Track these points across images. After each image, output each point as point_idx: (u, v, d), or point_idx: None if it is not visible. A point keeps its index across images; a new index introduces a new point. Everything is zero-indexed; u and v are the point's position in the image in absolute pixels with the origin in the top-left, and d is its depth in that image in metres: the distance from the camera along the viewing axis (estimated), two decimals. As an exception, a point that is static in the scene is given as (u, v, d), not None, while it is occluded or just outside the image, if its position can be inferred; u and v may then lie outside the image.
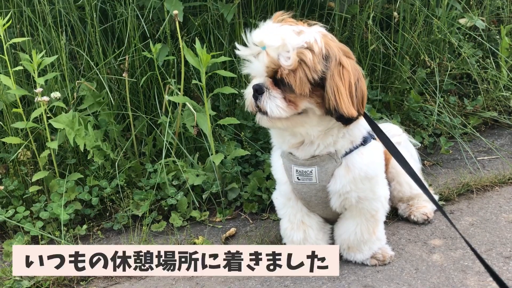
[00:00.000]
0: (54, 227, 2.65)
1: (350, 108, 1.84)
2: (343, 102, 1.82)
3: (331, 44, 1.85)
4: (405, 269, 2.19)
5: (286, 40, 1.79)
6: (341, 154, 2.02)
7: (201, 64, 2.56)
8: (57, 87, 2.86)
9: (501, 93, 3.31)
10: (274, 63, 1.82)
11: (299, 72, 1.79)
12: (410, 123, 3.24)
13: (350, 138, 2.01)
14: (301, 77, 1.80)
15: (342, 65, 1.84)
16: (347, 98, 1.83)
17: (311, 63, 1.79)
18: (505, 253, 2.23)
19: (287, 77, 1.81)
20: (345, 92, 1.83)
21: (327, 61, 1.82)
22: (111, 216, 2.76)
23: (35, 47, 2.82)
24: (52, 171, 2.77)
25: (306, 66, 1.79)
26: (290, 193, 2.16)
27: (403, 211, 2.54)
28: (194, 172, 2.77)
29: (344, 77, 1.83)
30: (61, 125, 2.64)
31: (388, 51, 3.24)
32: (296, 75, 1.80)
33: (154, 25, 3.03)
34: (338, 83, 1.82)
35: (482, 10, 3.54)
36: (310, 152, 2.02)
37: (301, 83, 1.80)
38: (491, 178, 2.77)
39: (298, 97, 1.84)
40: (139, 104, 2.99)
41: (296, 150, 2.05)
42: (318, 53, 1.80)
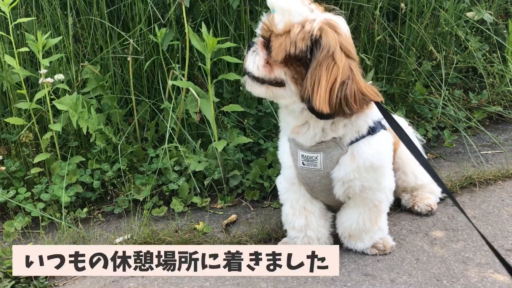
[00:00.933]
0: (55, 209, 2.65)
1: (323, 104, 1.80)
2: (319, 96, 1.80)
3: (330, 34, 1.81)
4: (406, 259, 2.19)
5: (291, 7, 1.81)
6: (347, 142, 2.00)
7: (206, 49, 2.55)
8: (61, 69, 2.85)
9: (507, 87, 3.29)
10: (267, 25, 1.88)
11: (281, 39, 1.83)
12: (414, 115, 3.22)
13: (354, 128, 1.99)
14: (281, 44, 1.83)
15: (334, 59, 1.81)
16: (325, 93, 1.80)
17: (294, 36, 1.80)
18: (506, 245, 2.22)
19: (272, 39, 1.86)
20: (325, 86, 1.80)
21: (316, 47, 1.80)
22: (112, 200, 2.76)
23: (40, 29, 2.81)
24: (54, 153, 2.76)
25: (289, 37, 1.81)
26: (294, 177, 2.15)
27: (406, 202, 2.53)
28: (196, 159, 2.76)
29: (331, 72, 1.80)
30: (65, 107, 2.63)
31: (395, 43, 3.22)
32: (278, 40, 1.84)
33: (160, 9, 3.01)
34: (322, 75, 1.80)
35: (490, 3, 3.51)
36: (311, 138, 2.00)
37: (278, 49, 1.83)
38: (494, 172, 2.76)
39: (274, 63, 1.87)
40: (142, 89, 2.98)
41: (298, 136, 2.04)
42: (306, 32, 1.80)
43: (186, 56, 2.73)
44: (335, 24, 1.85)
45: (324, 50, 1.80)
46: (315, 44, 1.81)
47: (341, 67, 1.81)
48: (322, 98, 1.80)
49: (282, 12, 1.83)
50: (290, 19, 1.82)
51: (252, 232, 2.43)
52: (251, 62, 1.93)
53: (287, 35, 1.82)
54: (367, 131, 2.00)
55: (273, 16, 1.86)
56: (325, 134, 1.99)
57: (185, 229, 2.48)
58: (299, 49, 1.81)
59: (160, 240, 2.39)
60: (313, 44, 1.81)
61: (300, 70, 1.86)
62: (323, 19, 1.83)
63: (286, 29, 1.83)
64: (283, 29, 1.83)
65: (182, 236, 2.41)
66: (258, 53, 1.92)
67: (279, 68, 1.88)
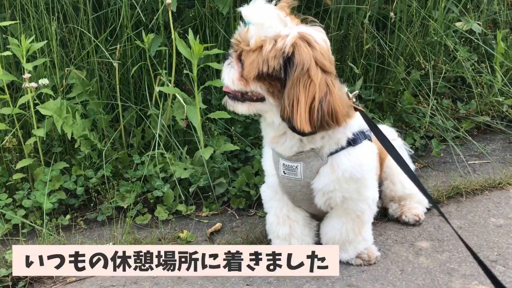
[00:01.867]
0: (36, 216, 2.61)
1: (304, 124, 1.78)
2: (299, 116, 1.77)
3: (304, 50, 1.77)
4: (391, 270, 2.17)
5: (265, 22, 1.78)
6: (326, 153, 1.98)
7: (193, 55, 2.53)
8: (46, 74, 2.82)
9: (495, 98, 3.29)
10: (239, 39, 1.85)
11: (253, 55, 1.79)
12: (402, 124, 3.21)
13: (332, 139, 1.96)
14: (253, 61, 1.79)
15: (310, 76, 1.77)
16: (305, 112, 1.77)
17: (265, 54, 1.77)
18: (491, 256, 2.21)
19: (244, 55, 1.83)
20: (304, 105, 1.77)
21: (290, 65, 1.77)
22: (96, 207, 2.72)
23: (25, 33, 2.78)
24: (37, 159, 2.73)
25: (261, 55, 1.78)
26: (277, 186, 2.14)
27: (394, 211, 2.51)
28: (182, 166, 2.73)
29: (309, 89, 1.77)
30: (49, 112, 2.60)
31: (383, 51, 3.21)
32: (250, 57, 1.80)
33: (148, 15, 2.99)
34: (300, 95, 1.76)
35: (479, 14, 3.52)
36: (289, 148, 1.99)
37: (250, 67, 1.80)
38: (481, 182, 2.75)
39: (248, 78, 1.85)
40: (129, 95, 2.95)
41: (276, 145, 2.02)
42: (278, 49, 1.76)
43: (173, 62, 2.70)
44: (309, 38, 1.81)
45: (298, 68, 1.76)
46: (288, 61, 1.77)
47: (318, 84, 1.77)
48: (303, 118, 1.77)
49: (256, 25, 1.80)
50: (261, 34, 1.79)
51: (236, 241, 2.41)
52: (226, 76, 1.91)
53: (259, 51, 1.79)
54: (347, 142, 1.98)
55: (247, 29, 1.82)
56: (303, 145, 1.98)
57: (168, 238, 2.45)
58: (272, 68, 1.78)
59: (143, 248, 2.36)
60: (286, 61, 1.77)
61: (275, 84, 1.84)
62: (297, 33, 1.79)
63: (258, 45, 1.79)
64: (254, 45, 1.79)
65: (165, 245, 2.37)
66: (233, 66, 1.90)
67: (254, 83, 1.86)
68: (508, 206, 2.58)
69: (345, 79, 3.14)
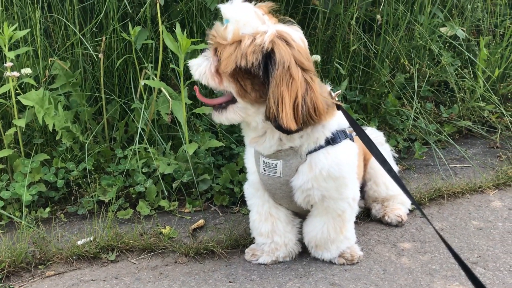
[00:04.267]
0: (15, 208, 2.55)
1: (290, 121, 1.79)
2: (285, 114, 1.78)
3: (283, 48, 1.78)
4: (373, 269, 2.17)
5: (243, 19, 1.78)
6: (304, 151, 1.99)
7: (180, 50, 2.50)
8: (29, 63, 2.76)
9: (477, 103, 3.34)
10: (216, 34, 1.84)
11: (230, 49, 1.79)
12: (386, 126, 3.24)
13: (311, 138, 1.97)
14: (230, 55, 1.79)
15: (291, 75, 1.78)
16: (290, 110, 1.79)
17: (244, 48, 1.77)
18: (472, 258, 2.23)
19: (221, 49, 1.82)
20: (289, 104, 1.78)
21: (272, 63, 1.78)
22: (76, 200, 2.67)
23: (8, 21, 2.71)
24: (17, 150, 2.66)
25: (239, 49, 1.78)
26: (258, 183, 2.14)
27: (377, 212, 2.53)
28: (165, 161, 2.70)
29: (291, 88, 1.78)
30: (30, 102, 2.54)
31: (369, 53, 3.23)
32: (227, 50, 1.80)
33: (135, 8, 2.95)
34: (284, 94, 1.78)
35: (463, 20, 3.57)
36: (268, 147, 1.99)
37: (228, 60, 1.79)
38: (462, 185, 2.78)
39: (223, 74, 1.84)
40: (113, 88, 2.90)
41: (256, 145, 2.03)
42: (257, 45, 1.77)
43: (160, 55, 2.67)
44: (287, 36, 1.82)
45: (279, 66, 1.77)
46: (268, 59, 1.78)
47: (299, 82, 1.79)
48: (289, 116, 1.78)
49: (234, 22, 1.79)
50: (239, 29, 1.78)
51: (219, 238, 2.39)
52: (196, 69, 1.90)
53: (237, 46, 1.78)
54: (326, 141, 1.99)
55: (225, 26, 1.81)
56: (282, 144, 1.98)
57: (150, 233, 2.42)
58: (250, 63, 1.78)
59: (124, 243, 2.32)
60: (265, 58, 1.78)
61: (248, 83, 1.83)
62: (275, 31, 1.80)
63: (236, 39, 1.79)
64: (232, 39, 1.79)
65: (147, 240, 2.34)
66: (208, 58, 1.89)
67: (228, 80, 1.85)
68: (488, 210, 2.62)
69: (330, 80, 3.15)
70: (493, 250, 2.29)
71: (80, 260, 2.27)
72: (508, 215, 2.57)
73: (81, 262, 2.26)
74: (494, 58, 3.45)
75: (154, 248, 2.33)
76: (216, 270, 2.20)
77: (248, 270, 2.18)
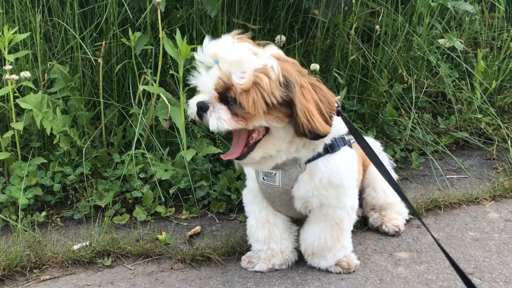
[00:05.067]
0: (11, 211, 2.53)
1: (324, 126, 1.85)
2: (317, 122, 1.83)
3: (289, 68, 1.83)
4: (370, 278, 2.17)
5: (242, 58, 1.76)
6: (304, 160, 2.00)
7: (180, 56, 2.50)
8: (28, 67, 2.75)
9: (474, 115, 3.36)
10: (225, 79, 1.77)
11: (252, 93, 1.76)
12: (383, 136, 3.25)
13: (310, 146, 1.98)
14: (255, 99, 1.76)
15: (302, 86, 1.83)
16: (319, 116, 1.84)
17: (268, 88, 1.77)
18: (468, 269, 2.23)
19: (239, 97, 1.76)
20: (315, 111, 1.84)
21: (288, 88, 1.80)
22: (73, 205, 2.66)
23: (8, 24, 2.71)
24: (14, 153, 2.65)
25: (262, 89, 1.77)
26: (257, 191, 2.15)
27: (374, 221, 2.53)
28: (162, 167, 2.70)
29: (309, 97, 1.84)
30: (29, 106, 2.54)
31: (368, 63, 3.25)
32: (249, 95, 1.76)
33: (135, 13, 2.96)
34: (307, 105, 1.82)
35: (461, 32, 3.60)
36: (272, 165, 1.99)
37: (254, 104, 1.77)
38: (459, 196, 2.79)
39: (251, 115, 1.80)
40: (112, 93, 2.91)
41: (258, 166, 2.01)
42: (275, 79, 1.78)
43: (159, 61, 2.68)
44: (282, 57, 1.88)
45: (296, 86, 1.81)
46: (286, 86, 1.80)
47: (309, 89, 1.85)
48: (321, 123, 1.84)
49: (230, 64, 1.76)
50: (250, 73, 1.75)
51: (216, 245, 2.38)
52: (215, 120, 1.80)
53: (254, 87, 1.76)
54: (324, 149, 2.00)
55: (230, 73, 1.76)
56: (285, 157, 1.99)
57: (146, 239, 2.40)
58: (279, 97, 1.79)
59: (120, 248, 2.31)
60: (285, 86, 1.80)
61: (279, 109, 1.83)
62: (275, 60, 1.82)
63: (252, 81, 1.75)
64: (246, 84, 1.75)
65: (143, 246, 2.33)
66: (219, 107, 1.81)
67: (259, 119, 1.81)
68: (484, 221, 2.62)
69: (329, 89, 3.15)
70: (489, 261, 2.29)
71: (76, 264, 2.26)
72: (505, 226, 2.57)
73: (76, 267, 2.25)
74: (492, 70, 3.48)
75: (150, 254, 2.32)
76: (212, 277, 2.19)
77: (244, 277, 2.18)
